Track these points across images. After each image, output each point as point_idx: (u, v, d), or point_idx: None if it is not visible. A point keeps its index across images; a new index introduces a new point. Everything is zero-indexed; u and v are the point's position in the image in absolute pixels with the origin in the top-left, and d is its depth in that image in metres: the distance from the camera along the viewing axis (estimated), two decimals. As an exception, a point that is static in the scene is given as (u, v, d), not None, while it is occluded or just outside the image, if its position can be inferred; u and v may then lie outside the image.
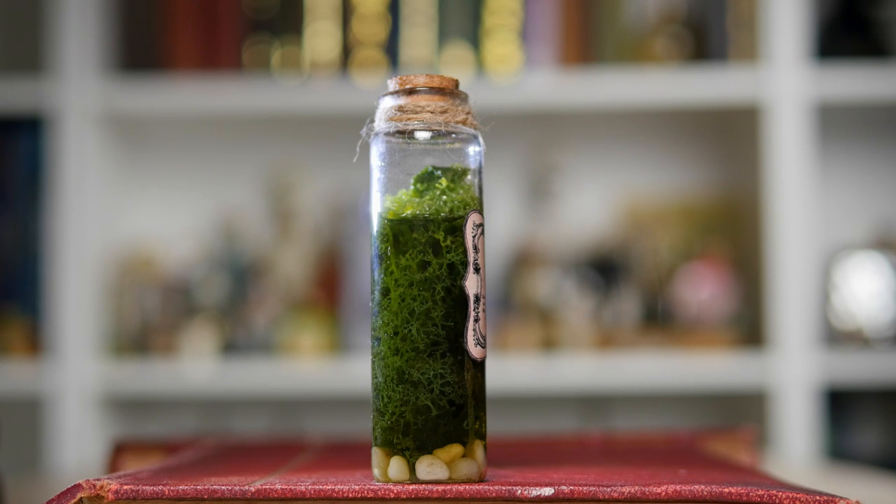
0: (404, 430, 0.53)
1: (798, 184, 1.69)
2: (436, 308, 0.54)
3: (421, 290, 0.54)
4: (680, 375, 1.71)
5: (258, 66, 1.80)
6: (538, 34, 1.78)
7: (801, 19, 1.71)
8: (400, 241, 0.54)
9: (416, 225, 0.54)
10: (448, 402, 0.53)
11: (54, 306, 1.73)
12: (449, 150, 0.55)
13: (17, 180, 1.79)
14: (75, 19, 1.73)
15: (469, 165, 0.55)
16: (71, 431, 1.71)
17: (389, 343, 0.54)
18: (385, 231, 0.54)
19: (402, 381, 0.53)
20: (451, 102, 0.54)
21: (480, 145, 0.55)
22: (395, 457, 0.53)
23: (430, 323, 0.54)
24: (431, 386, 0.53)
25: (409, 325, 0.54)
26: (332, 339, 1.78)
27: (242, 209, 1.89)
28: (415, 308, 0.54)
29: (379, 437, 0.53)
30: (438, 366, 0.54)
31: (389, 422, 0.53)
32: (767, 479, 0.55)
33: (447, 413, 0.53)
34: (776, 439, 1.67)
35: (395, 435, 0.53)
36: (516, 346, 1.74)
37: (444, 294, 0.54)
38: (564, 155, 1.89)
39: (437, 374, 0.54)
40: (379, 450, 0.53)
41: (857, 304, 1.81)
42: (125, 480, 0.49)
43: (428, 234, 0.54)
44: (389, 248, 0.54)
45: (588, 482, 0.49)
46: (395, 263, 0.54)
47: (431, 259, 0.54)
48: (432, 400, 0.53)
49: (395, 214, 0.54)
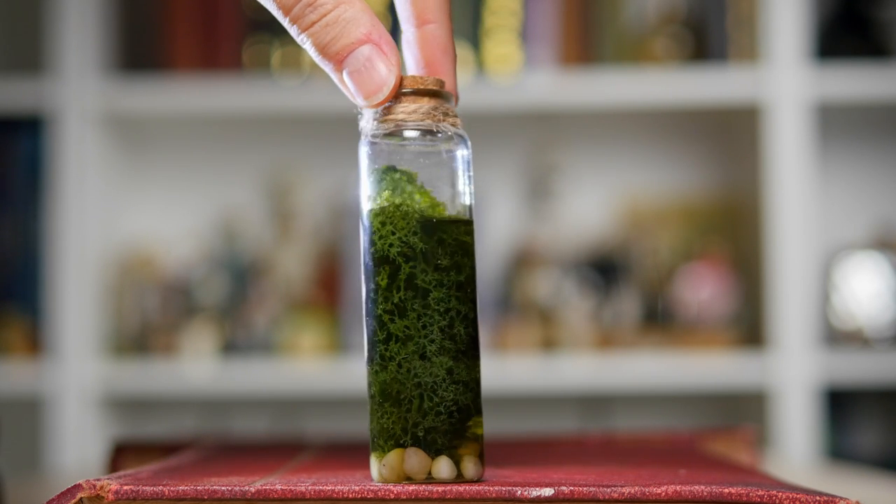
0: (414, 430, 0.53)
1: (798, 184, 1.69)
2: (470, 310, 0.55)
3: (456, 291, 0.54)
4: (680, 375, 1.71)
5: (258, 66, 1.80)
6: (538, 34, 1.78)
7: (801, 19, 1.72)
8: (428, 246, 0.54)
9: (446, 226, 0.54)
10: (455, 402, 0.53)
11: (54, 306, 1.73)
12: (435, 151, 0.54)
13: (17, 180, 1.79)
14: (75, 19, 1.73)
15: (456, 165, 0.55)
16: (71, 431, 1.71)
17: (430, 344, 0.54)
18: None
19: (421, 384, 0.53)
20: (436, 103, 0.54)
21: (468, 145, 0.55)
22: (401, 456, 0.52)
23: (467, 324, 0.54)
24: (446, 386, 0.53)
25: (454, 325, 0.54)
26: (332, 339, 1.78)
27: (242, 209, 1.89)
28: (460, 309, 0.54)
29: (387, 437, 0.53)
30: (456, 366, 0.54)
31: (402, 422, 0.53)
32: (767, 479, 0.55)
33: (455, 413, 0.53)
34: (776, 439, 1.67)
35: (406, 436, 0.53)
36: (516, 346, 1.74)
37: None
38: (564, 155, 1.89)
39: (451, 373, 0.54)
40: (383, 450, 0.53)
41: (857, 304, 1.81)
42: (125, 480, 0.49)
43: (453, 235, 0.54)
44: None
45: (588, 482, 0.49)
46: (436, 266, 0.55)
47: (465, 261, 0.54)
48: (445, 400, 0.53)
49: None
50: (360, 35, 0.53)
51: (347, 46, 0.54)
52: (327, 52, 0.54)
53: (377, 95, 0.54)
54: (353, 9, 0.54)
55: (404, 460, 0.53)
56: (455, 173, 0.55)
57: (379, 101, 0.54)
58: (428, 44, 0.57)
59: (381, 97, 0.54)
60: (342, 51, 0.54)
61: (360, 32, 0.54)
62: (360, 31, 0.54)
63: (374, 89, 0.54)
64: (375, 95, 0.54)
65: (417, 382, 0.54)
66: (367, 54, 0.53)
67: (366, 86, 0.54)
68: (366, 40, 0.54)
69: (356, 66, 0.53)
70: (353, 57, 0.54)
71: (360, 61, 0.53)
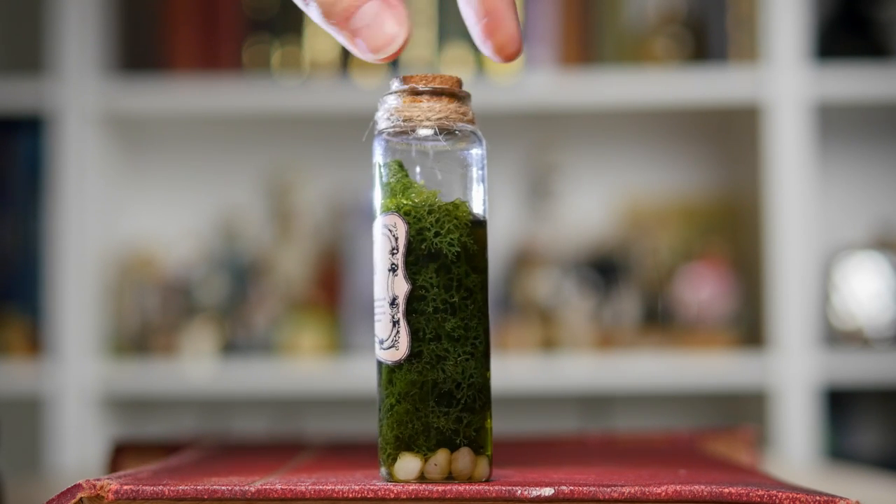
0: (467, 429, 0.53)
1: (798, 184, 1.69)
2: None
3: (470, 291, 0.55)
4: (680, 375, 1.71)
5: (258, 66, 1.80)
6: (538, 34, 1.78)
7: (800, 19, 1.72)
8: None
9: None
10: (487, 402, 0.54)
11: (54, 306, 1.73)
12: (451, 151, 0.54)
13: (17, 180, 1.79)
14: (75, 19, 1.73)
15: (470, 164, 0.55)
16: (71, 431, 1.71)
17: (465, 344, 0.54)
18: None
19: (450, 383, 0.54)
20: (454, 102, 0.54)
21: (483, 145, 0.55)
22: (449, 456, 0.52)
23: (488, 325, 0.55)
24: (487, 386, 0.54)
25: (488, 327, 0.54)
26: (332, 339, 1.78)
27: (242, 209, 1.89)
28: (487, 312, 0.55)
29: (435, 436, 0.53)
30: (487, 365, 0.54)
31: (454, 422, 0.53)
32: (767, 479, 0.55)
33: (488, 412, 0.54)
34: (776, 439, 1.67)
35: (458, 436, 0.53)
36: (516, 346, 1.74)
37: None
38: (564, 155, 1.89)
39: (486, 373, 0.54)
40: (426, 450, 0.52)
41: (857, 304, 1.81)
42: (125, 480, 0.49)
43: None
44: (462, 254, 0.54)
45: (588, 482, 0.49)
46: None
47: (487, 263, 0.55)
48: (487, 400, 0.54)
49: None
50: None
51: (354, 3, 0.53)
52: (334, 10, 0.53)
53: (386, 50, 0.53)
54: None
55: (457, 459, 0.53)
56: (471, 173, 0.55)
57: (387, 56, 0.53)
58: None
59: (391, 52, 0.53)
60: (349, 7, 0.53)
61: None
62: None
63: (383, 44, 0.53)
64: (384, 50, 0.53)
65: (472, 383, 0.54)
66: (375, 10, 0.52)
67: (374, 41, 0.53)
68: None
69: (364, 21, 0.52)
70: (361, 13, 0.53)
71: (368, 16, 0.52)
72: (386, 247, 0.54)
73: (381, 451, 0.53)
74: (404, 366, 0.53)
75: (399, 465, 0.52)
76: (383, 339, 0.54)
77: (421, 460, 0.52)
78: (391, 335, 0.53)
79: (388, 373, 0.53)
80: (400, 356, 0.53)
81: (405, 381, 0.53)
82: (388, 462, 0.53)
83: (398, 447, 0.53)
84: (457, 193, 0.54)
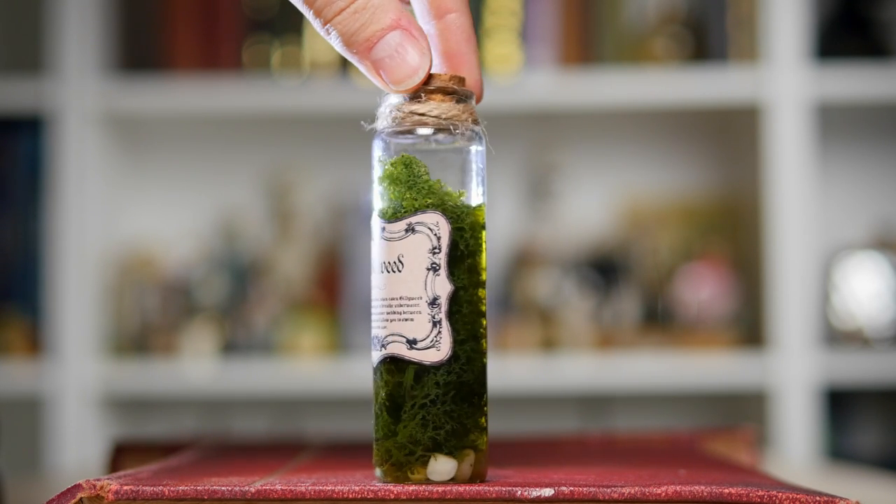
0: (485, 428, 0.53)
1: (798, 184, 1.69)
2: None
3: None
4: (680, 375, 1.71)
5: (258, 66, 1.80)
6: (538, 34, 1.78)
7: (801, 19, 1.71)
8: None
9: None
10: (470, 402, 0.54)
11: (54, 306, 1.73)
12: (453, 149, 0.54)
13: (17, 180, 1.79)
14: (75, 19, 1.73)
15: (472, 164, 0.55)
16: (71, 431, 1.71)
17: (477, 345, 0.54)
18: None
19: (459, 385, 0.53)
20: (457, 101, 0.54)
21: (483, 144, 0.55)
22: (443, 458, 0.52)
23: None
24: None
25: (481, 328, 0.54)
26: (332, 339, 1.78)
27: (242, 209, 1.89)
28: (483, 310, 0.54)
29: (475, 433, 0.53)
30: None
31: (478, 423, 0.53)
32: (767, 479, 0.55)
33: (484, 412, 0.54)
34: (776, 439, 1.67)
35: (481, 436, 0.53)
36: (516, 346, 1.74)
37: None
38: (564, 155, 1.89)
39: None
40: (455, 450, 0.52)
41: (857, 304, 1.81)
42: (125, 481, 0.49)
43: None
44: None
45: (588, 483, 0.49)
46: None
47: None
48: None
49: None
50: (389, 21, 0.52)
51: (377, 33, 0.52)
52: (356, 39, 0.53)
53: (409, 81, 0.53)
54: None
55: (480, 461, 0.53)
56: (472, 173, 0.55)
57: (411, 87, 0.52)
58: (451, 34, 0.56)
59: (413, 83, 0.53)
60: (372, 37, 0.52)
61: (389, 18, 0.52)
62: (389, 16, 0.52)
63: (406, 75, 0.52)
64: (407, 81, 0.53)
65: (485, 382, 0.54)
66: (397, 40, 0.52)
67: (397, 72, 0.52)
68: (395, 26, 0.52)
69: (387, 52, 0.52)
70: (384, 43, 0.52)
71: (391, 47, 0.52)
72: (425, 245, 0.53)
73: (403, 452, 0.52)
74: (443, 367, 0.52)
75: (435, 468, 0.52)
76: (417, 339, 0.52)
77: (456, 461, 0.52)
78: (430, 335, 0.52)
79: (419, 373, 0.52)
80: (441, 357, 0.52)
81: (444, 383, 0.52)
82: (415, 464, 0.52)
83: (433, 449, 0.52)
84: None
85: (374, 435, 0.53)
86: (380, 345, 0.53)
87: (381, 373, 0.53)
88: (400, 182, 0.53)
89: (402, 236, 0.53)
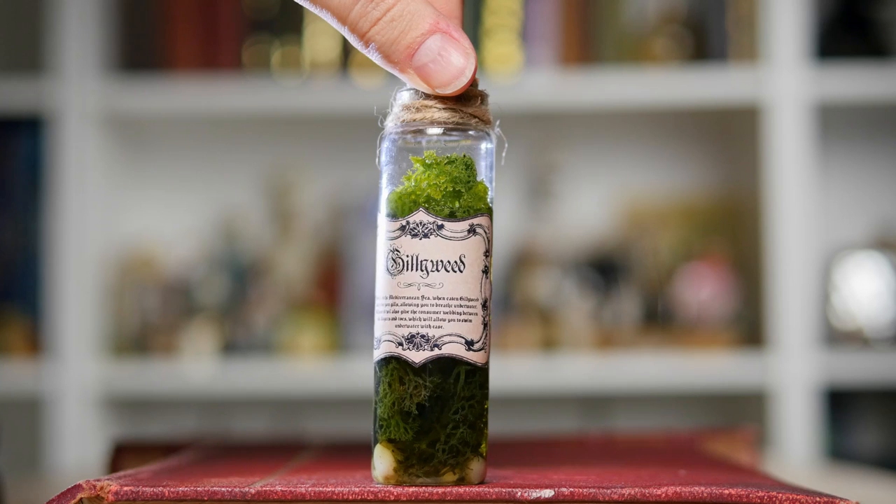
0: (484, 433, 0.53)
1: (798, 184, 1.69)
2: None
3: None
4: (680, 375, 1.71)
5: (258, 66, 1.80)
6: (538, 34, 1.78)
7: (800, 19, 1.72)
8: None
9: None
10: None
11: (54, 306, 1.73)
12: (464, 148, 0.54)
13: (17, 180, 1.79)
14: (75, 19, 1.73)
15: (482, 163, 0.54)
16: (71, 431, 1.71)
17: None
18: None
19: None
20: (468, 100, 0.53)
21: (493, 143, 0.55)
22: (476, 460, 0.52)
23: None
24: None
25: None
26: (332, 339, 1.78)
27: (242, 209, 1.89)
28: None
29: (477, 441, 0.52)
30: None
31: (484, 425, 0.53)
32: (767, 479, 0.55)
33: None
34: (776, 439, 1.67)
35: (484, 439, 0.53)
36: (516, 346, 1.74)
37: None
38: (564, 155, 1.89)
39: None
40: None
41: (857, 304, 1.81)
42: (125, 481, 0.49)
43: None
44: None
45: (588, 483, 0.49)
46: None
47: None
48: None
49: None
50: (427, 26, 0.51)
51: (417, 39, 0.51)
52: (396, 47, 0.51)
53: (456, 83, 0.51)
54: (415, 1, 0.51)
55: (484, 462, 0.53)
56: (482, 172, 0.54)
57: (458, 90, 0.51)
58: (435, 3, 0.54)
59: (460, 85, 0.51)
60: (412, 44, 0.51)
61: (427, 23, 0.51)
62: (427, 21, 0.51)
63: (452, 77, 0.51)
64: (454, 83, 0.51)
65: None
66: (439, 44, 0.51)
67: (442, 75, 0.51)
68: (434, 30, 0.51)
69: (430, 56, 0.51)
70: (425, 48, 0.51)
71: (433, 51, 0.51)
72: (481, 247, 0.53)
73: (448, 454, 0.51)
74: (486, 369, 0.52)
75: (475, 469, 0.52)
76: (474, 340, 0.52)
77: (482, 462, 0.52)
78: (482, 337, 0.52)
79: (470, 375, 0.52)
80: (486, 359, 0.52)
81: (482, 384, 0.52)
82: (458, 465, 0.51)
83: (474, 450, 0.52)
84: None
85: (395, 437, 0.52)
86: (431, 345, 0.52)
87: (427, 373, 0.51)
88: (461, 182, 0.53)
89: (465, 237, 0.52)
